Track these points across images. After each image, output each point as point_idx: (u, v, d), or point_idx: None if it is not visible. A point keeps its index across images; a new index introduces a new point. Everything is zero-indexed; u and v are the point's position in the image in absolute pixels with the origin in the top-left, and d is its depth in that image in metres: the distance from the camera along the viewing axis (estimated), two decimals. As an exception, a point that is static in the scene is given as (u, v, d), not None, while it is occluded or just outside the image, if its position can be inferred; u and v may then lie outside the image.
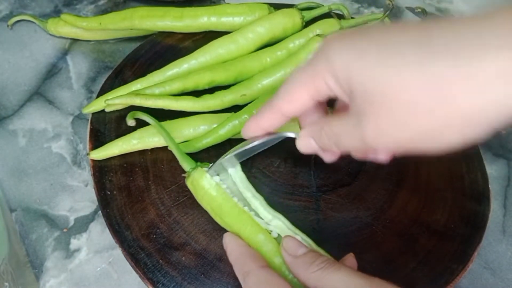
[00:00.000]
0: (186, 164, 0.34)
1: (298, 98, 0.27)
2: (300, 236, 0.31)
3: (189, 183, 0.34)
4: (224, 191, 0.32)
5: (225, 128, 0.38)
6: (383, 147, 0.24)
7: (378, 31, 0.24)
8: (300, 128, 0.30)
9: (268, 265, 0.29)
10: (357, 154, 0.29)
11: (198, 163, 0.34)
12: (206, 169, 0.33)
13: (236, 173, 0.34)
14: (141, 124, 0.40)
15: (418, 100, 0.21)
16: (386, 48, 0.22)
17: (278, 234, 0.31)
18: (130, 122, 0.37)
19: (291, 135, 0.30)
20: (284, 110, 0.28)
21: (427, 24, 0.22)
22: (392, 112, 0.22)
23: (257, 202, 0.33)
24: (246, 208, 0.32)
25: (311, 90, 0.26)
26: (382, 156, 0.27)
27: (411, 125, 0.22)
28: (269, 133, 0.30)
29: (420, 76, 0.21)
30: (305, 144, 0.29)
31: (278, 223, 0.32)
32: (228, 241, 0.32)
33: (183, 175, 0.35)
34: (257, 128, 0.30)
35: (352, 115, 0.24)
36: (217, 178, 0.33)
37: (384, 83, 0.22)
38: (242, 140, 0.40)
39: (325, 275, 0.26)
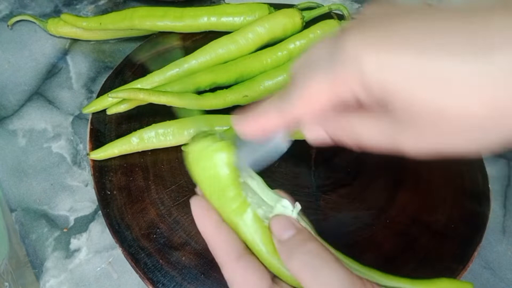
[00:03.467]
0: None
1: (314, 101, 0.23)
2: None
3: (192, 148, 0.27)
4: (235, 173, 0.26)
5: None
6: (417, 153, 0.21)
7: (414, 20, 0.19)
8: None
9: (245, 252, 0.25)
10: (376, 150, 0.24)
11: (206, 131, 0.27)
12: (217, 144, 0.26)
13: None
14: (141, 124, 0.40)
15: (476, 112, 0.18)
16: (432, 48, 0.18)
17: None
18: None
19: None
20: (295, 112, 0.24)
21: (472, 11, 0.18)
22: (441, 123, 0.19)
23: (254, 183, 0.28)
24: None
25: (330, 94, 0.22)
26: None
27: (462, 134, 0.19)
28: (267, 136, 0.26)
29: (478, 79, 0.17)
30: (314, 133, 0.25)
31: (286, 203, 0.27)
32: (196, 215, 0.26)
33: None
34: (258, 128, 0.26)
35: (383, 119, 0.21)
36: None
37: (432, 93, 0.18)
38: None
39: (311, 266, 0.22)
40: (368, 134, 0.22)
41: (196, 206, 0.27)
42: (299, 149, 0.40)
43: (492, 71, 0.17)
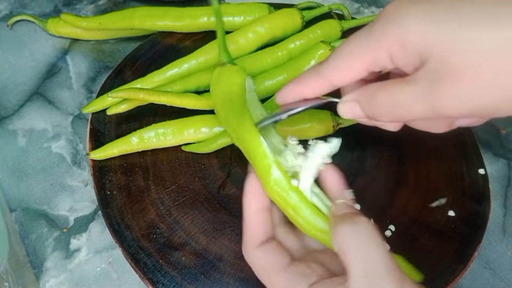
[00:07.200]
0: (224, 54, 0.36)
1: (351, 67, 0.24)
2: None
3: (216, 71, 0.35)
4: (245, 98, 0.31)
5: None
6: (458, 113, 0.22)
7: None
8: (342, 93, 0.28)
9: (269, 237, 0.28)
10: (413, 123, 0.26)
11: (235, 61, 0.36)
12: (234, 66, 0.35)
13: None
14: (141, 124, 0.40)
15: None
16: (475, 7, 0.20)
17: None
18: None
19: (335, 100, 0.27)
20: (333, 79, 0.26)
21: None
22: (481, 76, 0.20)
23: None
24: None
25: (368, 60, 0.24)
26: (441, 127, 0.26)
27: (503, 88, 0.20)
28: (307, 100, 0.28)
29: None
30: (349, 110, 0.26)
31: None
32: (246, 190, 0.29)
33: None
34: (297, 94, 0.28)
35: (421, 81, 0.22)
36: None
37: (474, 45, 0.20)
38: None
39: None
40: (409, 103, 0.23)
41: (250, 182, 0.29)
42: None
43: None
